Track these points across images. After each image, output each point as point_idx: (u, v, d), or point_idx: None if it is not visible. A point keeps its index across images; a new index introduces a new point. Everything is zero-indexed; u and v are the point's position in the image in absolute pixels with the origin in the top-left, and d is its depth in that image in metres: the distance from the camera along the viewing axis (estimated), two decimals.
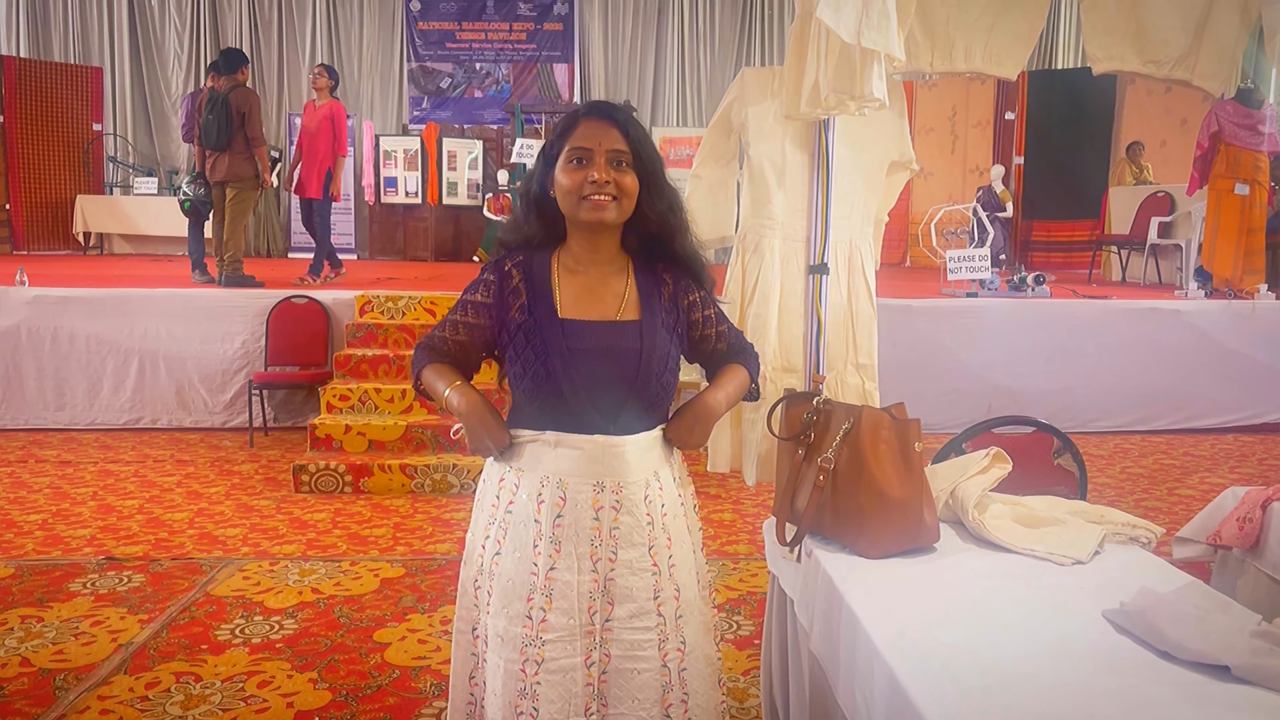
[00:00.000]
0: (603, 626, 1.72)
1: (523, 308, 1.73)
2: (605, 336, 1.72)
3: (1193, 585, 1.80)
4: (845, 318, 2.99)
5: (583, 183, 1.67)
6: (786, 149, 2.91)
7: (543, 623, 1.69)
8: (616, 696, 1.72)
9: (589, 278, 1.77)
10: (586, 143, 1.69)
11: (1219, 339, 6.69)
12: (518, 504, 1.75)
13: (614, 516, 1.72)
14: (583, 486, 1.72)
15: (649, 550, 1.75)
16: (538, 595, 1.70)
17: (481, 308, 1.78)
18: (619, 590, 1.72)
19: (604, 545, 1.72)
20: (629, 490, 1.74)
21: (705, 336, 1.86)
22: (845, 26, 2.08)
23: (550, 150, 1.75)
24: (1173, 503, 5.02)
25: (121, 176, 12.40)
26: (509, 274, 1.76)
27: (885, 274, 3.40)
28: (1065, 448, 2.66)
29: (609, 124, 1.70)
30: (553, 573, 1.70)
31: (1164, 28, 2.75)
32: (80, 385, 6.35)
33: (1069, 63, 12.21)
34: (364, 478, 5.14)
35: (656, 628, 1.74)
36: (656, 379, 1.74)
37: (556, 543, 1.70)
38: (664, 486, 1.80)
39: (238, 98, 6.97)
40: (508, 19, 12.90)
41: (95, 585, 3.75)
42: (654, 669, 1.73)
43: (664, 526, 1.78)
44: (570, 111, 1.77)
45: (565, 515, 1.71)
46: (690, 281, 1.84)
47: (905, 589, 1.83)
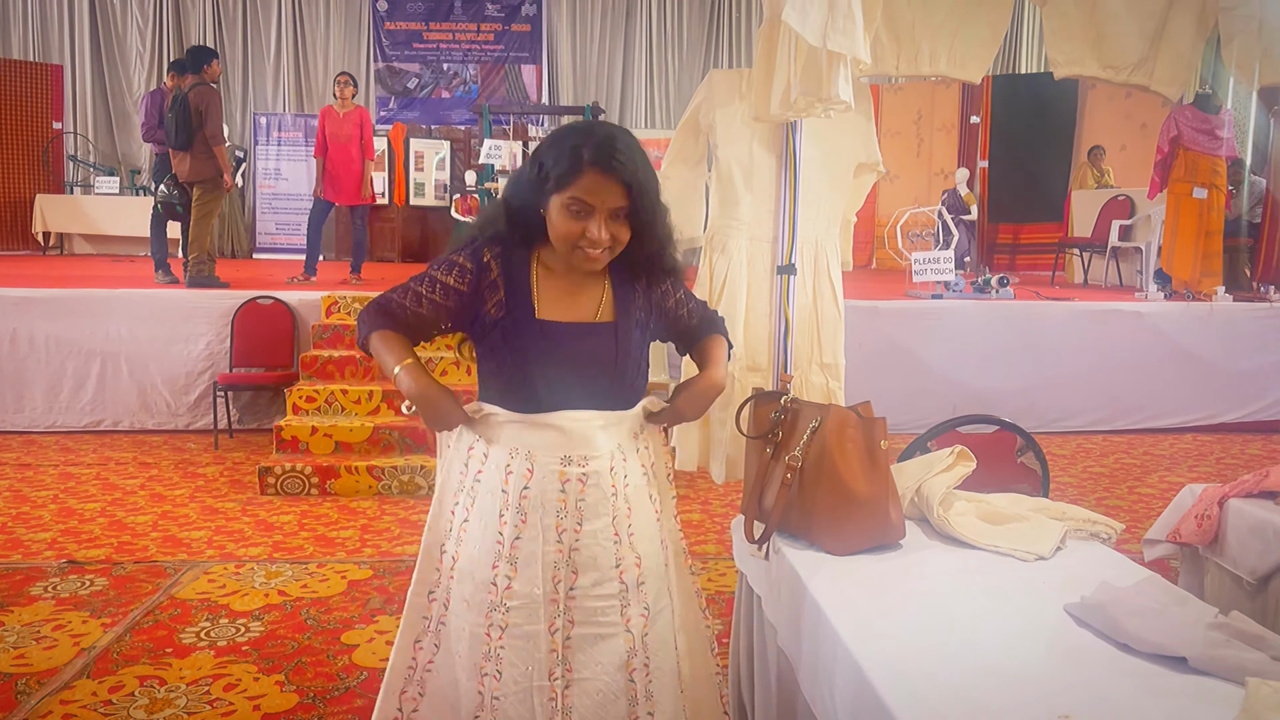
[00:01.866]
0: (566, 595, 1.75)
1: (500, 304, 1.74)
2: (581, 338, 1.74)
3: (1151, 579, 1.84)
4: (811, 318, 3.02)
5: (579, 234, 1.66)
6: (754, 150, 2.93)
7: (507, 590, 1.72)
8: (581, 662, 1.75)
9: (569, 280, 1.78)
10: (590, 198, 1.64)
11: (1178, 340, 6.81)
12: (486, 473, 1.77)
13: (580, 489, 1.75)
14: (550, 459, 1.74)
15: (612, 521, 1.79)
16: (503, 564, 1.73)
17: (453, 292, 1.75)
18: (583, 560, 1.76)
19: (570, 517, 1.75)
20: (596, 463, 1.77)
21: (679, 316, 1.94)
22: (811, 30, 2.10)
23: (549, 178, 1.66)
24: (1133, 501, 5.10)
25: (82, 176, 12.22)
26: (487, 266, 1.74)
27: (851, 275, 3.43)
28: (1028, 446, 2.70)
29: (614, 180, 1.64)
30: (518, 542, 1.73)
31: (1123, 34, 2.80)
32: (40, 387, 6.25)
33: (1033, 68, 12.37)
34: (331, 479, 5.11)
35: (619, 594, 1.78)
36: (629, 381, 1.80)
37: (523, 513, 1.73)
38: (627, 459, 1.84)
39: (196, 96, 6.87)
40: (475, 19, 12.87)
41: (57, 589, 3.70)
42: (616, 634, 1.77)
43: (625, 497, 1.81)
44: (578, 142, 1.65)
45: (532, 487, 1.74)
46: (669, 283, 1.89)
47: (871, 585, 1.85)
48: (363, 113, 7.83)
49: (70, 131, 12.31)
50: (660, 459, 1.96)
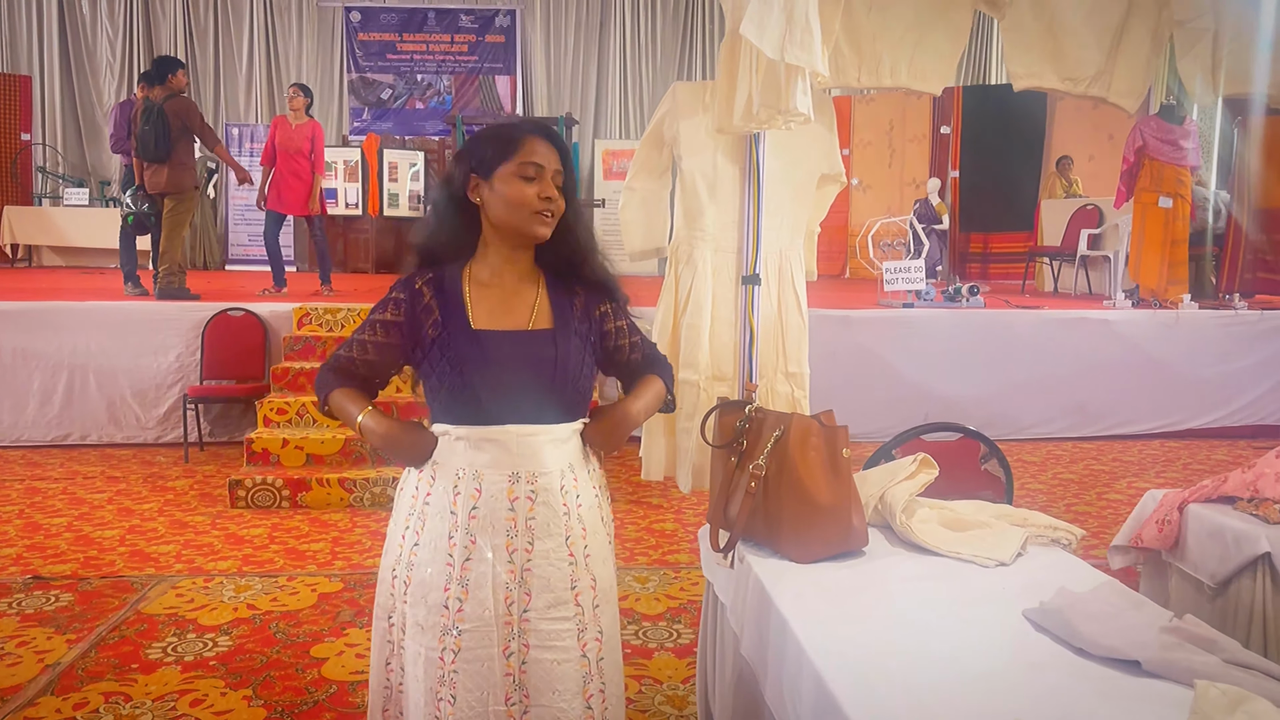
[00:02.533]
0: (520, 617, 1.73)
1: (435, 323, 1.75)
2: (519, 345, 1.75)
3: (1109, 584, 1.87)
4: (775, 327, 3.04)
5: (534, 198, 1.72)
6: (718, 162, 2.95)
7: (459, 613, 1.71)
8: (537, 688, 1.73)
9: (502, 290, 1.80)
10: (539, 159, 1.73)
11: (1145, 348, 6.89)
12: (434, 496, 1.77)
13: (529, 507, 1.74)
14: (498, 478, 1.73)
15: (565, 541, 1.77)
16: (454, 586, 1.72)
17: (392, 326, 1.78)
18: (536, 580, 1.74)
19: (520, 536, 1.73)
20: (544, 480, 1.76)
21: (619, 347, 1.91)
22: (769, 42, 2.12)
23: (485, 160, 1.75)
24: (1101, 507, 5.15)
25: (51, 187, 12.10)
26: (419, 292, 1.78)
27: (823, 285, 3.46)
28: (992, 453, 2.73)
29: (553, 147, 1.77)
30: (468, 564, 1.72)
31: (1080, 47, 2.85)
32: (5, 401, 6.18)
33: (1002, 79, 12.50)
34: (302, 492, 5.08)
35: (575, 617, 1.77)
36: (572, 384, 1.78)
37: (471, 534, 1.73)
38: (579, 479, 1.82)
39: (175, 107, 6.86)
40: (449, 31, 12.87)
41: (21, 605, 3.65)
42: (573, 659, 1.75)
43: (579, 517, 1.80)
44: (508, 124, 1.79)
45: (480, 507, 1.73)
46: (602, 294, 1.88)
47: (834, 592, 1.87)
48: (315, 126, 7.76)
49: (39, 143, 12.20)
50: (602, 480, 1.95)
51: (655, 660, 3.21)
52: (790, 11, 2.09)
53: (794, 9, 2.09)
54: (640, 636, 3.40)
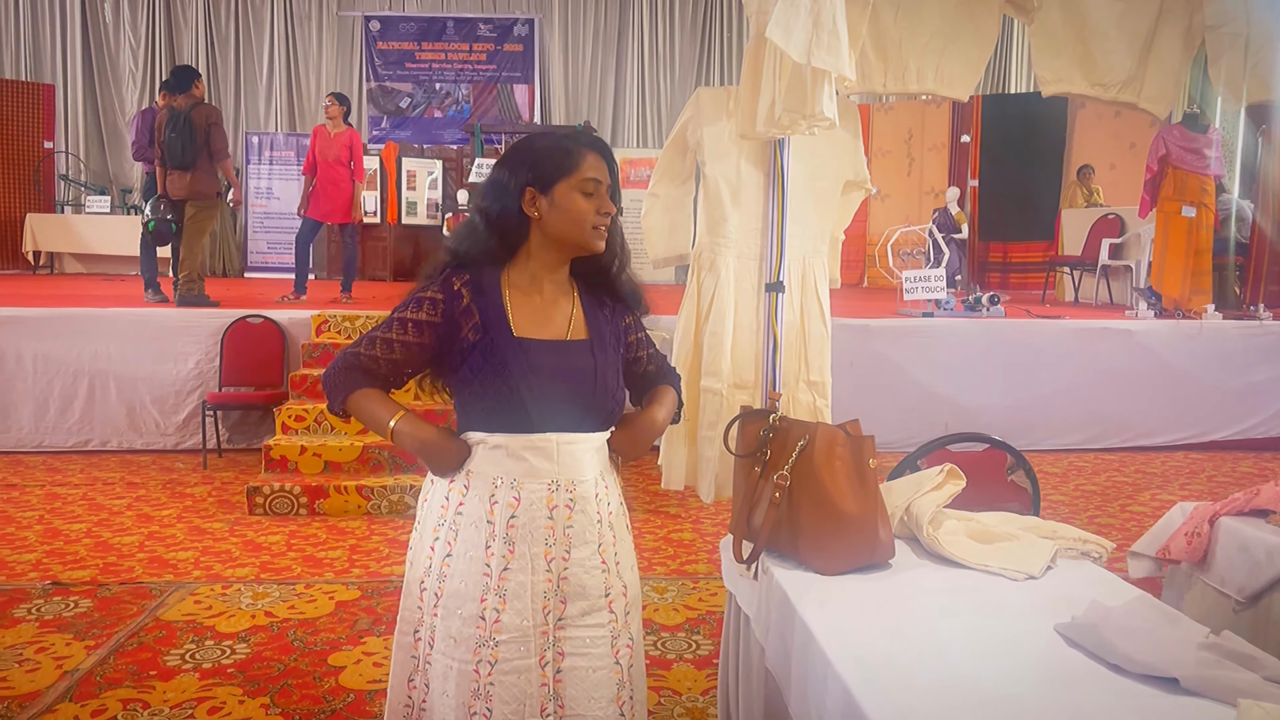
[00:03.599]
0: (556, 624, 1.72)
1: (476, 326, 1.72)
2: (559, 355, 1.74)
3: (1142, 599, 1.83)
4: (798, 335, 3.01)
5: (595, 214, 1.74)
6: (741, 168, 2.93)
7: (496, 623, 1.69)
8: (573, 696, 1.72)
9: (541, 298, 1.79)
10: (599, 175, 1.75)
11: (1168, 358, 6.82)
12: (468, 506, 1.74)
13: (568, 515, 1.74)
14: (537, 486, 1.72)
15: (599, 548, 1.77)
16: (491, 596, 1.70)
17: (426, 326, 1.74)
18: (572, 588, 1.74)
19: (558, 544, 1.73)
20: (582, 489, 1.75)
21: (637, 359, 1.93)
22: (795, 47, 2.10)
23: (545, 172, 1.73)
24: (1125, 519, 5.09)
25: (73, 195, 12.20)
26: (458, 293, 1.74)
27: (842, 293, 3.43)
28: (1018, 464, 2.69)
29: (609, 162, 1.79)
30: (506, 573, 1.70)
31: (1110, 52, 2.81)
32: (27, 407, 6.21)
33: (1022, 87, 12.45)
34: (319, 499, 5.08)
35: (609, 624, 1.76)
36: (611, 394, 1.78)
37: (510, 543, 1.71)
38: (608, 486, 1.83)
39: (200, 115, 6.90)
40: (468, 40, 12.91)
41: (40, 611, 3.66)
42: (608, 666, 1.75)
43: (610, 524, 1.81)
44: (563, 139, 1.78)
45: (519, 516, 1.72)
46: (624, 305, 1.89)
47: (860, 605, 1.83)
48: (353, 134, 7.84)
49: (62, 151, 12.30)
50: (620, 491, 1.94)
51: (674, 671, 3.18)
52: (817, 16, 2.07)
53: (821, 13, 2.07)
54: (659, 647, 3.37)
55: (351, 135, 7.83)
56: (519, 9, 12.98)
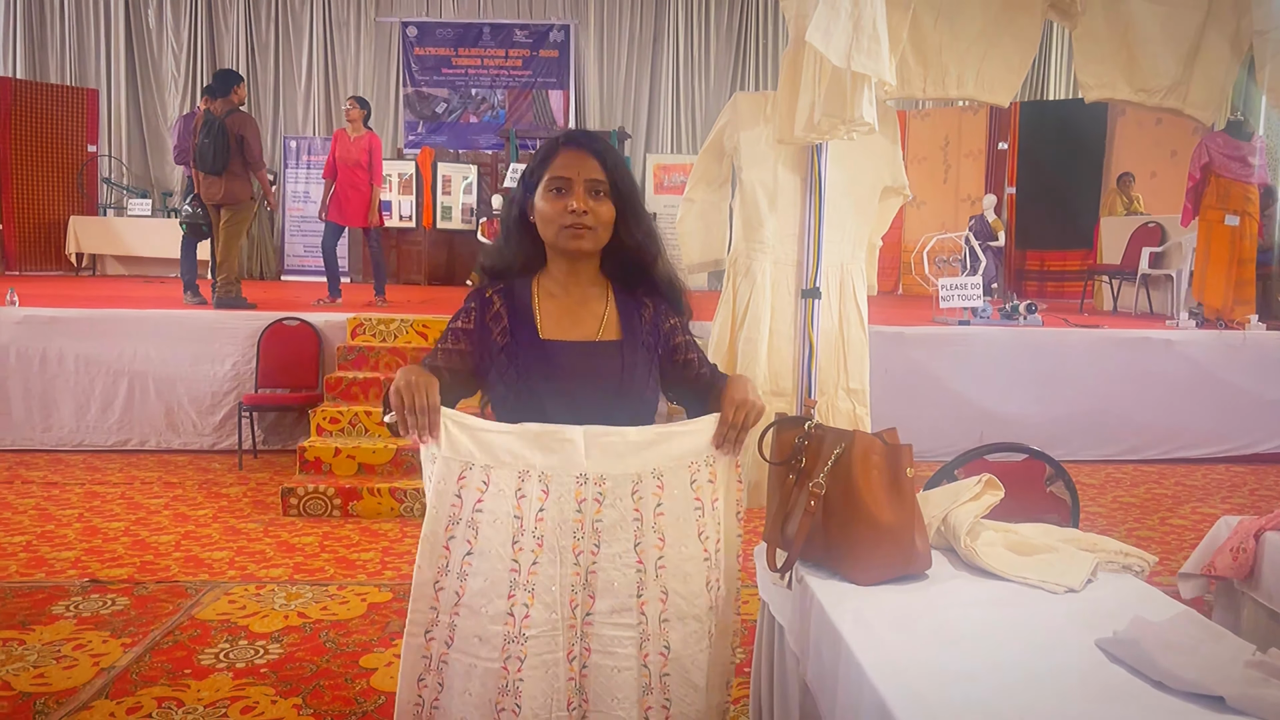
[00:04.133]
0: (583, 620, 1.70)
1: (504, 330, 1.77)
2: (586, 356, 1.74)
3: (1186, 614, 1.79)
4: (836, 342, 2.99)
5: (562, 211, 1.72)
6: (779, 173, 2.92)
7: (525, 619, 1.67)
8: (596, 694, 1.71)
9: (569, 300, 1.80)
10: (565, 172, 1.73)
11: (1210, 369, 6.70)
12: (491, 501, 1.69)
13: (597, 509, 1.70)
14: (565, 479, 1.69)
15: (634, 547, 1.72)
16: (520, 591, 1.68)
17: (463, 334, 1.79)
18: (600, 583, 1.71)
19: (586, 539, 1.70)
20: (613, 484, 1.71)
21: (688, 361, 1.89)
22: (835, 50, 2.08)
23: (530, 177, 1.79)
24: (1165, 533, 5.01)
25: (115, 198, 12.40)
26: (490, 300, 1.80)
27: (877, 301, 3.40)
28: (1057, 475, 2.65)
29: (587, 154, 1.75)
30: (535, 568, 1.68)
31: (1155, 57, 2.77)
32: (68, 406, 6.31)
33: (1061, 94, 12.31)
34: (353, 501, 5.11)
35: (637, 626, 1.72)
36: (638, 396, 1.77)
37: (539, 537, 1.68)
38: (665, 484, 1.75)
39: (234, 122, 6.98)
40: (504, 46, 12.98)
41: (78, 608, 3.70)
42: (633, 668, 1.72)
43: (655, 526, 1.73)
44: (549, 140, 1.80)
45: (548, 509, 1.68)
46: (669, 307, 1.87)
47: (897, 616, 1.81)
48: (372, 138, 7.89)
49: (105, 154, 12.50)
50: (728, 494, 1.85)
51: None
52: (858, 20, 2.05)
53: (861, 17, 2.06)
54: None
55: (371, 139, 7.89)
56: (555, 15, 13.03)
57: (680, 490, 1.76)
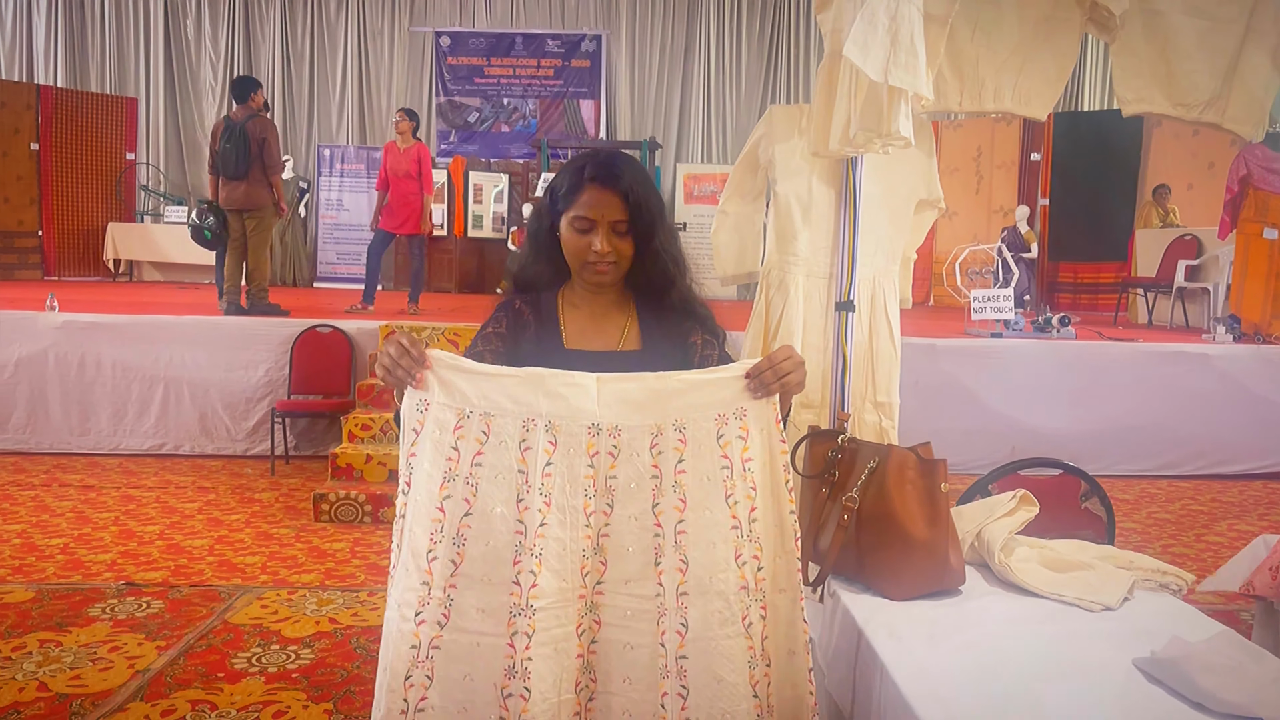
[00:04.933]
0: (594, 589, 1.55)
1: (531, 338, 1.81)
2: (608, 366, 1.73)
3: (1225, 635, 1.77)
4: (866, 355, 2.98)
5: (586, 249, 1.75)
6: (813, 185, 2.91)
7: (533, 588, 1.49)
8: (606, 673, 1.55)
9: (593, 311, 1.84)
10: (590, 213, 1.74)
11: (1247, 384, 6.61)
12: (491, 454, 1.54)
13: (610, 464, 1.55)
14: (575, 429, 1.54)
15: (652, 508, 1.56)
16: (527, 557, 1.51)
17: (495, 337, 1.83)
18: (613, 548, 1.55)
19: (599, 497, 1.55)
20: (629, 436, 1.56)
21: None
22: (873, 65, 2.09)
23: (557, 202, 1.79)
24: (1200, 549, 4.94)
25: (152, 205, 12.58)
26: (519, 310, 1.85)
27: (909, 312, 3.38)
28: (1092, 491, 2.63)
29: (612, 194, 1.74)
30: (543, 529, 1.51)
31: (1193, 71, 2.74)
32: (105, 411, 6.40)
33: (1095, 104, 12.22)
34: (384, 508, 5.14)
35: (654, 598, 1.55)
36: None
37: (546, 495, 1.52)
38: (688, 439, 1.57)
39: (255, 127, 7.06)
40: (536, 55, 13.06)
41: (114, 611, 3.75)
42: (648, 645, 1.54)
43: (676, 485, 1.56)
44: (576, 166, 1.78)
45: (555, 463, 1.53)
46: (694, 324, 1.86)
47: (929, 631, 1.80)
48: (421, 149, 7.97)
49: (143, 162, 12.69)
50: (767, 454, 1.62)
51: None
52: (895, 34, 2.05)
53: (899, 31, 2.06)
54: None
55: (420, 149, 7.96)
56: (587, 25, 13.09)
57: (706, 445, 1.57)
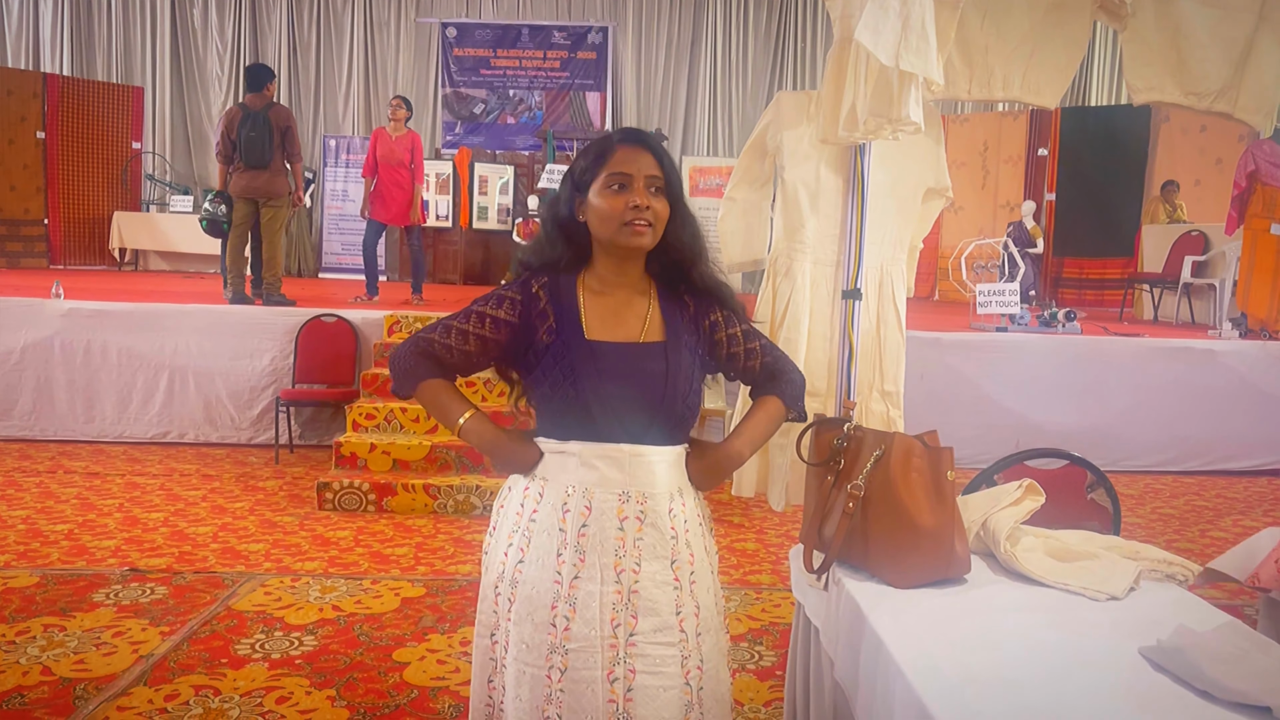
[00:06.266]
0: (626, 641, 1.69)
1: (550, 329, 1.73)
2: (631, 358, 1.72)
3: (1232, 624, 1.76)
4: (873, 344, 2.97)
5: (624, 208, 1.69)
6: (821, 173, 2.90)
7: (566, 631, 1.68)
8: (643, 716, 1.68)
9: (614, 300, 1.78)
10: (626, 168, 1.71)
11: (1253, 380, 6.59)
12: (541, 513, 1.73)
13: (638, 528, 1.71)
14: (608, 496, 1.71)
15: (671, 565, 1.73)
16: (561, 604, 1.69)
17: (503, 325, 1.76)
18: (643, 603, 1.70)
19: (628, 557, 1.70)
20: (654, 502, 1.72)
21: (734, 355, 1.85)
22: (884, 49, 2.07)
23: (582, 175, 1.76)
24: (1204, 544, 4.93)
25: (158, 194, 12.58)
26: (536, 295, 1.76)
27: (913, 306, 3.37)
28: (1099, 482, 2.62)
29: (645, 150, 1.73)
30: (576, 582, 1.69)
31: (1205, 60, 2.72)
32: (110, 398, 6.41)
33: (1103, 99, 12.17)
34: (387, 497, 5.14)
35: (679, 644, 1.72)
36: (682, 399, 1.74)
37: (581, 552, 1.70)
38: (686, 503, 1.79)
39: (277, 115, 7.06)
40: (542, 47, 13.03)
41: (118, 596, 3.76)
42: (677, 686, 1.70)
43: (687, 542, 1.76)
44: (602, 138, 1.78)
45: (590, 525, 1.70)
46: (712, 302, 1.84)
47: (935, 620, 1.79)
48: (414, 137, 7.94)
49: (149, 151, 12.69)
50: (705, 508, 1.89)
51: (736, 682, 3.15)
52: (906, 18, 2.03)
53: (910, 15, 2.04)
54: None
55: (413, 138, 7.94)
56: (593, 17, 13.07)
57: (690, 504, 1.80)
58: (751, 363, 1.87)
